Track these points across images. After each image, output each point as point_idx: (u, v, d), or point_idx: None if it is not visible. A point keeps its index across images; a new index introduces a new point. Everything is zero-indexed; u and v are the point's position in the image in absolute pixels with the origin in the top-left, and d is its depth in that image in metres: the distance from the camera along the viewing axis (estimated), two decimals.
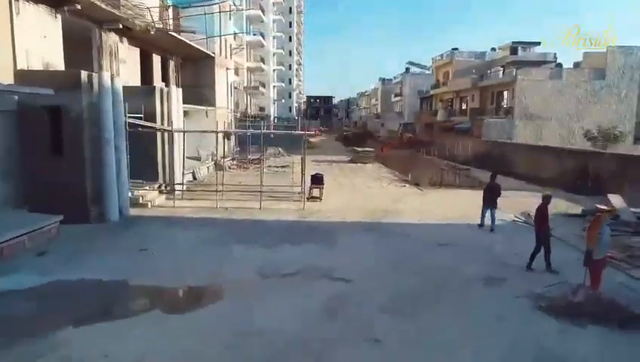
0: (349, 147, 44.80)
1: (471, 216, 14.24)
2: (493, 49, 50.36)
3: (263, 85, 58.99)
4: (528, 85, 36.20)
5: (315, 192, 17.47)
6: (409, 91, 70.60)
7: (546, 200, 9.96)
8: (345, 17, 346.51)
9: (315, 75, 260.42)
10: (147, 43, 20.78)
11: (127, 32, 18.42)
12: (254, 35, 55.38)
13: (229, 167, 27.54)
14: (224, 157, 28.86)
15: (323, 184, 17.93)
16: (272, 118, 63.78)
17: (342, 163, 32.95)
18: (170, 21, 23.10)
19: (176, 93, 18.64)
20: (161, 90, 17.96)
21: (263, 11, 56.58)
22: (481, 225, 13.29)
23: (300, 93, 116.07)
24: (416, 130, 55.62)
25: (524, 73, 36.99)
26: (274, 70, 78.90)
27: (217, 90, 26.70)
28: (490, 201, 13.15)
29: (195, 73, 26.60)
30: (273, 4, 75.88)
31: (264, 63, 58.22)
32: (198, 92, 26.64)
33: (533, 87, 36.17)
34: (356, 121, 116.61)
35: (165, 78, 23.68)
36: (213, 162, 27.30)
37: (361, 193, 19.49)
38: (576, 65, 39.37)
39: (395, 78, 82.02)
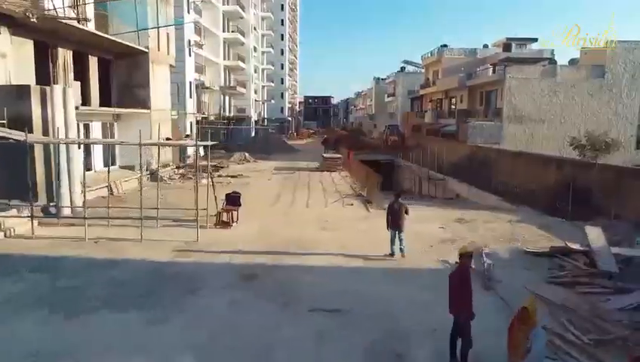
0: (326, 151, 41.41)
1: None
2: (485, 46, 46.70)
3: (244, 85, 55.63)
4: (518, 84, 32.56)
5: (227, 216, 14.09)
6: (402, 91, 67.05)
7: (466, 260, 6.40)
8: (348, 14, 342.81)
9: (316, 75, 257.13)
10: (48, 34, 17.52)
11: (11, 20, 15.20)
12: (232, 32, 52.18)
13: (169, 178, 24.28)
14: (166, 165, 25.62)
15: (239, 205, 14.57)
16: (253, 120, 60.43)
17: (307, 171, 29.55)
18: (88, 8, 19.85)
19: (66, 95, 15.37)
20: (41, 91, 14.72)
21: (242, 7, 53.23)
22: (392, 254, 11.03)
23: (295, 93, 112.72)
24: (403, 132, 51.93)
25: (514, 71, 33.35)
26: (262, 70, 75.79)
27: (154, 90, 23.34)
28: (394, 224, 10.98)
29: (130, 71, 23.30)
30: (262, 0, 72.71)
31: (244, 62, 54.85)
32: (132, 92, 23.39)
33: (523, 86, 32.52)
34: (353, 122, 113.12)
35: (84, 77, 20.41)
36: (148, 173, 24.10)
37: (293, 215, 16.12)
38: (573, 62, 35.68)
39: (388, 77, 78.32)
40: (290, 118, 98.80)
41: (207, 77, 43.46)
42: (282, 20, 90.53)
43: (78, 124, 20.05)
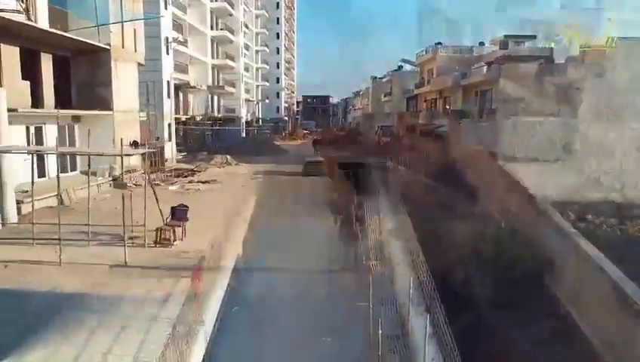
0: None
1: None
2: (481, 43, 44.94)
3: (233, 85, 54.01)
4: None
5: (169, 233, 12.48)
6: (398, 90, 65.36)
7: None
8: (348, 13, 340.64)
9: (316, 75, 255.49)
10: None
11: None
12: (221, 29, 50.58)
13: (135, 184, 22.67)
14: (132, 171, 24.03)
15: (185, 220, 12.98)
16: (243, 120, 58.85)
17: (291, 175, 27.92)
18: (40, 3, 18.31)
19: None
20: None
21: (231, 5, 51.58)
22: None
23: (292, 92, 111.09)
24: (397, 133, 50.24)
25: (509, 69, 31.60)
26: (257, 69, 74.25)
27: (118, 90, 21.75)
28: None
29: (92, 70, 21.73)
30: None
31: (234, 61, 53.22)
32: (95, 92, 21.84)
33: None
34: (351, 122, 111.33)
35: (36, 77, 18.87)
36: (111, 178, 22.54)
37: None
38: (570, 60, 33.83)
39: (385, 76, 76.40)
40: (286, 118, 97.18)
41: (192, 76, 41.90)
42: (277, 19, 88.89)
43: (28, 128, 18.62)
